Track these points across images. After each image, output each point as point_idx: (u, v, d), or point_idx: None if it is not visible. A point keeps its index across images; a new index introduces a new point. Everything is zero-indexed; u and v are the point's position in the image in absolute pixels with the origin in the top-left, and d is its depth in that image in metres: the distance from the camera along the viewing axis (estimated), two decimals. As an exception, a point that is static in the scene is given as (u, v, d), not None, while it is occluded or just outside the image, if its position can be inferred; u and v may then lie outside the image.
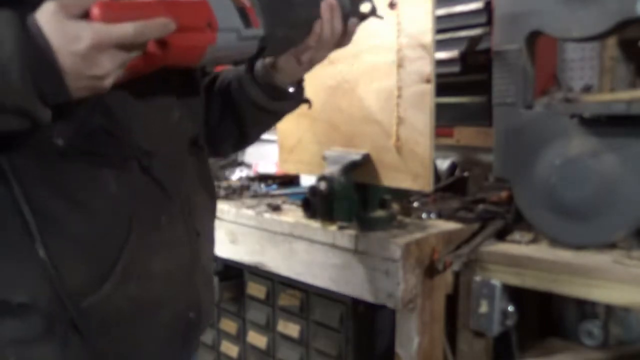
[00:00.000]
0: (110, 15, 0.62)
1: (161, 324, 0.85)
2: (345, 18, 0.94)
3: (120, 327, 0.80)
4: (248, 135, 1.06)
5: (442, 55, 1.65)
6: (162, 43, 0.68)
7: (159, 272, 0.82)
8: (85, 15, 0.61)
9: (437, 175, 1.82)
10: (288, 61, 0.93)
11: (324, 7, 0.89)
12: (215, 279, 1.90)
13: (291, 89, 0.99)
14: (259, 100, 0.96)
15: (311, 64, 0.95)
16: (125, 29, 0.61)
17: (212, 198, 0.99)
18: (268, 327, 1.80)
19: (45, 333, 0.74)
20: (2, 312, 0.73)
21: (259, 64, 0.96)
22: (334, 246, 1.37)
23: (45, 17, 0.59)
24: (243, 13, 0.78)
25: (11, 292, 0.73)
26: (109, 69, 0.62)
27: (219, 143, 1.05)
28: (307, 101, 1.03)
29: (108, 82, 0.64)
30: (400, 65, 1.23)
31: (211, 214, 0.99)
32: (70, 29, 0.59)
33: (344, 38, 0.94)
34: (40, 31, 0.59)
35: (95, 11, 0.61)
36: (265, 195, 1.82)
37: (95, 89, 0.64)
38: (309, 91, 1.02)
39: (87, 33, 0.60)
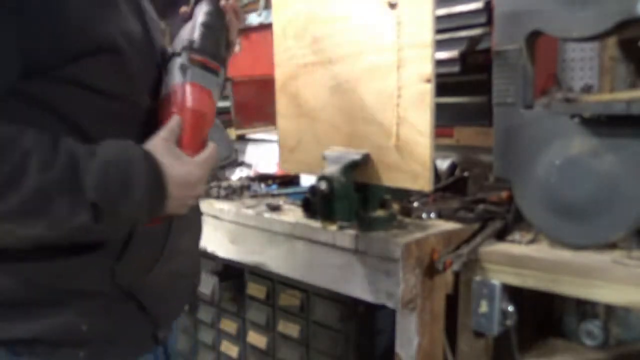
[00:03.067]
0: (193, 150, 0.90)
1: (183, 290, 1.07)
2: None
3: (159, 293, 0.98)
4: None
5: (442, 55, 1.65)
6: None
7: (185, 249, 1.01)
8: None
9: (437, 175, 1.82)
10: None
11: (234, 35, 1.06)
12: (215, 279, 1.91)
13: None
14: None
15: None
16: (213, 154, 0.91)
17: None
18: (268, 327, 1.81)
19: (105, 309, 0.90)
20: (72, 296, 0.87)
21: None
22: (334, 246, 1.37)
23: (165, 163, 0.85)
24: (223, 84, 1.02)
25: (76, 282, 0.87)
26: (202, 189, 0.92)
27: None
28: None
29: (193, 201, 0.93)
30: (400, 65, 1.22)
31: None
32: (186, 178, 0.87)
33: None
34: (161, 174, 0.84)
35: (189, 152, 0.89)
36: (265, 195, 1.82)
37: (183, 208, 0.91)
38: (310, 91, 1.01)
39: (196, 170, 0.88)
